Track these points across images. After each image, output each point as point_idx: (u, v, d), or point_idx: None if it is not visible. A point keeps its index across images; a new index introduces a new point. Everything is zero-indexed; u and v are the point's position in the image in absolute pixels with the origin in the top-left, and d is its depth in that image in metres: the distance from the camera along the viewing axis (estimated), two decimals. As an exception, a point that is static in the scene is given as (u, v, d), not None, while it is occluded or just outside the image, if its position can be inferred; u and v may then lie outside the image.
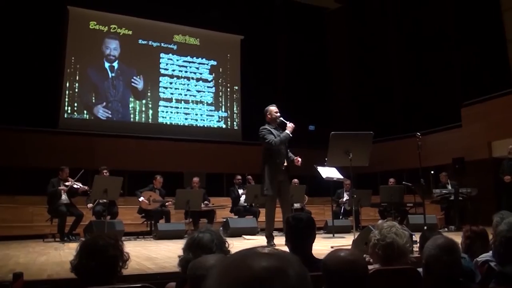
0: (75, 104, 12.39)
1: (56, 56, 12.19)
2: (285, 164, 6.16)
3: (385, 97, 14.50)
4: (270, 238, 6.11)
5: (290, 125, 6.14)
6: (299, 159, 6.22)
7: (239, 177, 10.15)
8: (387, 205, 9.66)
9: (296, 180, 10.07)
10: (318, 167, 7.61)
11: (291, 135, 6.12)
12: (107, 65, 12.93)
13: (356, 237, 4.90)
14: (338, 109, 15.38)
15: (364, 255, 2.98)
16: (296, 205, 9.64)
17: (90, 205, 8.16)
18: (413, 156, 7.08)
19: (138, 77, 13.27)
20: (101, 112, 12.67)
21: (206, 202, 9.16)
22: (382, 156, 11.85)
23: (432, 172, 9.86)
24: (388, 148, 12.93)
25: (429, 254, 2.13)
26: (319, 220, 9.97)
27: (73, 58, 12.43)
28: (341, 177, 8.02)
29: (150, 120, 13.36)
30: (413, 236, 4.09)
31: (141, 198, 8.56)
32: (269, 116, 6.27)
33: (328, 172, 7.66)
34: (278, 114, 6.26)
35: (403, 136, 12.46)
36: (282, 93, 14.64)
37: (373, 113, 14.48)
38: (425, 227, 5.87)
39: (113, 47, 13.07)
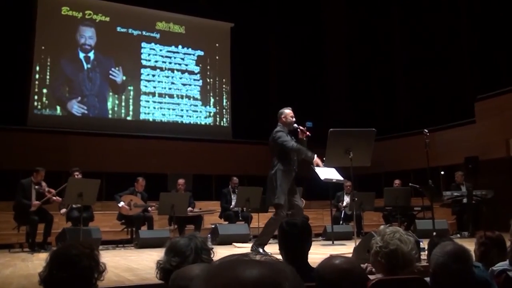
0: (46, 99, 12.30)
1: (24, 46, 12.05)
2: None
3: (388, 90, 14.52)
4: (259, 246, 6.13)
5: (317, 162, 6.14)
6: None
7: (236, 179, 10.05)
8: (392, 209, 9.69)
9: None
10: (315, 167, 7.61)
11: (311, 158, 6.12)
12: (81, 55, 12.85)
13: (357, 244, 4.92)
14: (336, 102, 15.39)
15: (366, 264, 3.00)
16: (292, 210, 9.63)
17: (63, 210, 8.05)
18: (420, 155, 7.10)
19: (116, 68, 13.21)
20: (76, 108, 12.59)
21: (190, 208, 9.15)
22: (386, 155, 11.88)
23: (442, 172, 9.88)
24: (393, 146, 12.95)
25: (437, 262, 2.14)
26: (317, 225, 10.03)
27: (43, 47, 12.32)
28: (341, 178, 8.00)
29: (130, 117, 13.30)
30: (421, 243, 4.11)
31: (121, 203, 8.51)
32: (283, 119, 6.32)
33: (327, 173, 7.65)
34: (294, 119, 6.31)
35: (409, 134, 12.45)
36: (276, 85, 14.65)
37: (375, 107, 14.50)
38: (434, 233, 5.91)
39: (88, 35, 12.99)
